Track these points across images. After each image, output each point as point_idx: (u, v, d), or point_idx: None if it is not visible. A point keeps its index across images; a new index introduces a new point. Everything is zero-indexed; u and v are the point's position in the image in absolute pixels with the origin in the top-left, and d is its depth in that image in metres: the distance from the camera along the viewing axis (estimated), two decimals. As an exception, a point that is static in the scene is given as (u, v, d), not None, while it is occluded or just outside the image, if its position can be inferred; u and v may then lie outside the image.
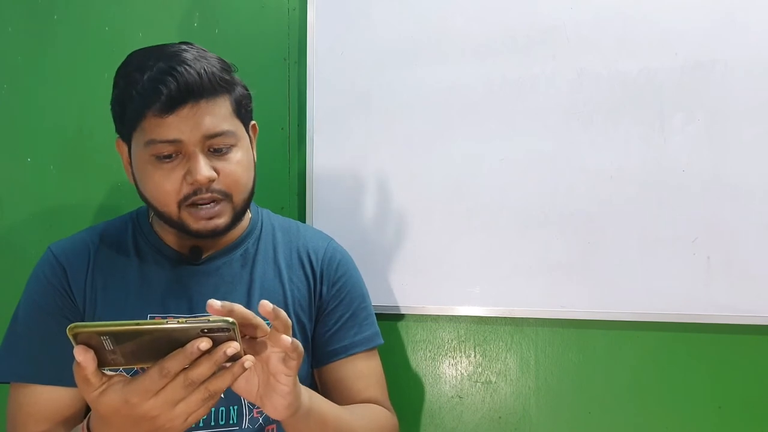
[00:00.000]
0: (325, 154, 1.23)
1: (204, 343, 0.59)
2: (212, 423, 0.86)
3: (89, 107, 1.30)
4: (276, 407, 0.70)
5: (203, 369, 0.60)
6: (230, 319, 0.59)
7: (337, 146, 1.22)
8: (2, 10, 1.32)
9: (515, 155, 1.14)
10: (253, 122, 0.93)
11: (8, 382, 0.87)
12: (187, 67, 0.80)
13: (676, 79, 1.07)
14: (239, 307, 0.64)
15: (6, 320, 0.89)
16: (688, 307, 1.07)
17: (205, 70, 0.81)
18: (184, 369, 0.60)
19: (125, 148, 0.88)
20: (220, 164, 0.83)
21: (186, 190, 0.82)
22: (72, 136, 1.30)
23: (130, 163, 0.88)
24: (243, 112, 0.88)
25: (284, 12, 1.27)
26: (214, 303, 0.63)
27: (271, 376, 0.68)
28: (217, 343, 0.60)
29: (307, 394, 0.76)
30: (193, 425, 0.84)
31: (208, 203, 0.83)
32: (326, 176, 1.23)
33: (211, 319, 0.59)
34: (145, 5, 1.30)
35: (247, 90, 0.90)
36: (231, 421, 0.86)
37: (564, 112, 1.12)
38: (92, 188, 1.30)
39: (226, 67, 0.86)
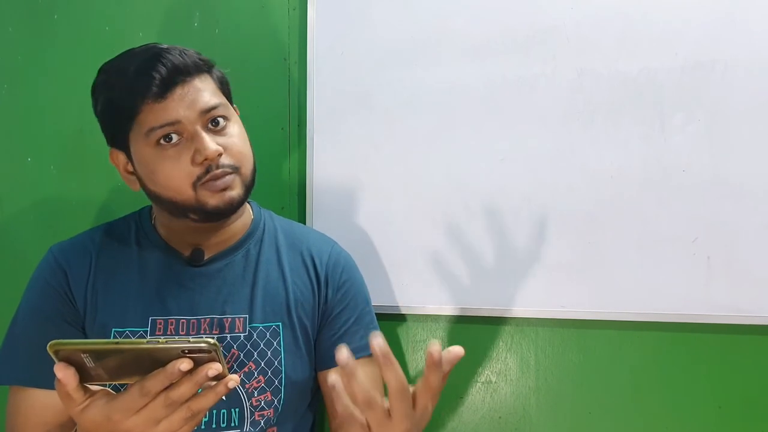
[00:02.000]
0: (325, 154, 1.23)
1: (184, 365, 0.59)
2: (213, 425, 0.86)
3: (89, 107, 1.28)
4: None
5: (184, 390, 0.60)
6: (212, 341, 0.59)
7: (337, 146, 1.22)
8: (2, 10, 1.32)
9: (515, 155, 1.14)
10: (234, 105, 0.95)
11: (7, 385, 0.87)
12: (167, 52, 0.83)
13: (676, 79, 1.07)
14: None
15: (5, 320, 0.89)
16: (688, 307, 1.07)
17: (184, 52, 0.85)
18: (166, 388, 0.60)
19: (122, 157, 0.88)
20: (222, 140, 0.85)
21: (198, 170, 0.83)
22: (72, 136, 1.30)
23: (131, 172, 0.89)
24: (226, 90, 0.91)
25: (284, 12, 1.27)
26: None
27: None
28: (198, 363, 0.60)
29: None
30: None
31: (221, 177, 0.84)
32: (326, 176, 1.23)
33: (191, 339, 0.59)
34: (145, 5, 1.30)
35: (222, 72, 0.92)
36: (233, 423, 0.86)
37: (564, 112, 1.12)
38: (92, 188, 1.30)
39: (200, 54, 0.89)
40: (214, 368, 0.60)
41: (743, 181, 1.05)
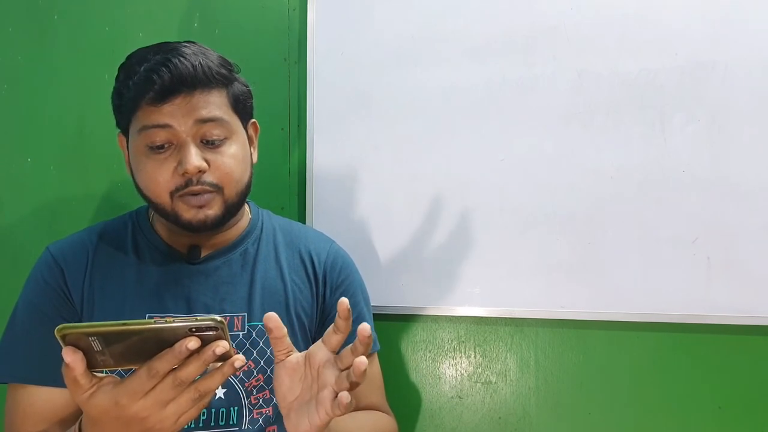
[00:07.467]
0: (325, 154, 1.23)
1: (192, 343, 0.58)
2: (212, 423, 0.85)
3: (89, 107, 1.30)
4: (298, 427, 0.69)
5: (192, 369, 0.60)
6: (218, 318, 0.59)
7: (337, 146, 1.22)
8: (2, 10, 1.32)
9: (515, 155, 1.14)
10: (253, 120, 0.94)
11: (6, 383, 0.87)
12: (182, 59, 0.81)
13: (677, 79, 1.07)
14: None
15: (6, 320, 0.89)
16: (688, 307, 1.07)
17: (200, 63, 0.82)
18: (174, 369, 0.60)
19: (125, 142, 0.89)
20: (212, 156, 0.84)
21: (178, 181, 0.83)
22: (72, 136, 1.30)
23: (128, 160, 0.89)
24: (240, 107, 0.89)
25: (284, 12, 1.27)
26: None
27: (317, 401, 0.67)
28: (205, 342, 0.60)
29: None
30: (193, 425, 0.84)
31: (199, 194, 0.84)
32: (326, 176, 1.23)
33: (198, 318, 0.59)
34: (145, 5, 1.30)
35: (247, 87, 0.91)
36: (231, 422, 0.86)
37: (564, 112, 1.12)
38: (92, 188, 1.30)
39: (225, 64, 0.87)
40: (222, 345, 0.60)
41: (743, 181, 1.05)
